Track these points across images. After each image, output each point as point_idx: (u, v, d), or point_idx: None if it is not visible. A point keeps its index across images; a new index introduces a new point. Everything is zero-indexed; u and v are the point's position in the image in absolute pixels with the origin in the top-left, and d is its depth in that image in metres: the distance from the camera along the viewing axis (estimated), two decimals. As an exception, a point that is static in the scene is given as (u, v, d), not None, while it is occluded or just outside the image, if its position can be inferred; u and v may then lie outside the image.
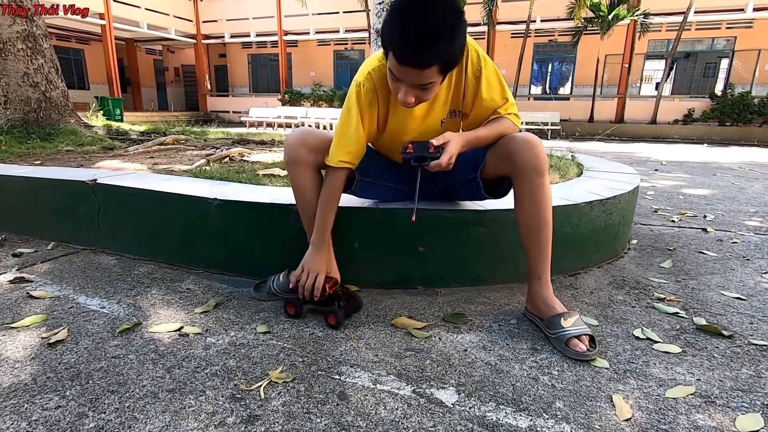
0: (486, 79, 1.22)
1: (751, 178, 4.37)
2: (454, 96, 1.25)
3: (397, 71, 1.02)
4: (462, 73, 1.22)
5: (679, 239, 2.17)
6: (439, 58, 0.98)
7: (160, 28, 16.48)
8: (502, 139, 1.21)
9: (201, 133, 4.56)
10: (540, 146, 1.17)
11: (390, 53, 1.02)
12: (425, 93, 1.07)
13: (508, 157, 1.19)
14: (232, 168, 2.45)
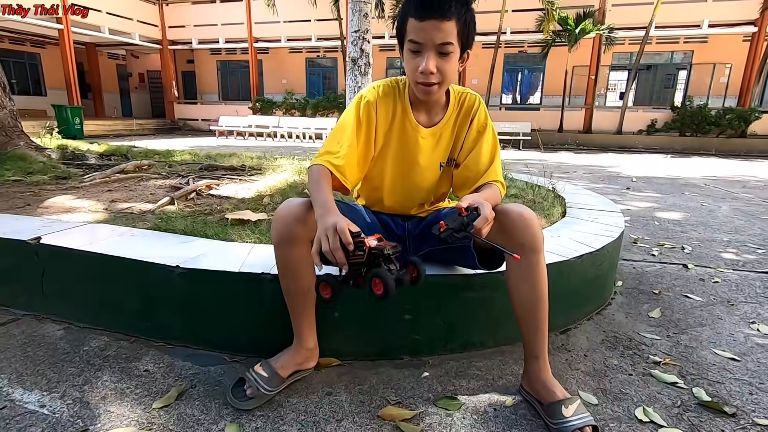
0: (486, 140, 1.25)
1: (717, 197, 4.50)
2: (455, 143, 1.27)
3: (417, 31, 1.03)
4: (466, 125, 1.25)
5: (663, 279, 2.15)
6: (459, 10, 1.02)
7: (122, 32, 15.80)
8: (496, 211, 1.12)
9: (166, 155, 4.31)
10: (535, 222, 1.09)
11: (409, 19, 1.04)
12: (446, 63, 1.07)
13: (502, 231, 1.10)
14: (198, 208, 2.27)
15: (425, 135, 1.24)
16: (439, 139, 1.26)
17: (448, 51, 1.06)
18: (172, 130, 17.53)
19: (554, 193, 2.69)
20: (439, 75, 1.08)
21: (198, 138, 13.70)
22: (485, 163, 1.22)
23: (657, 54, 14.72)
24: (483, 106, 1.26)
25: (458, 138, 1.26)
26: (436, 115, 1.26)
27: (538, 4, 12.47)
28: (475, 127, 1.24)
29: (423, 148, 1.25)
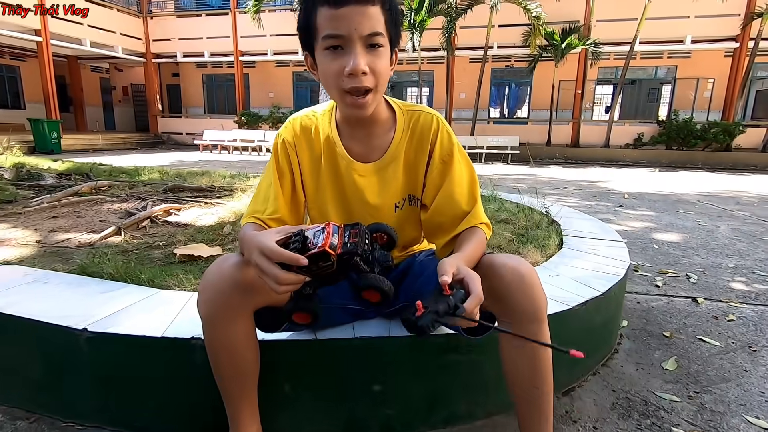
0: (457, 171, 0.96)
1: (713, 216, 4.34)
2: (412, 178, 0.99)
3: (336, 21, 0.78)
4: (425, 154, 0.97)
5: (672, 317, 1.91)
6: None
7: (105, 45, 15.48)
8: (483, 267, 0.87)
9: (133, 174, 4.02)
10: (536, 282, 0.83)
11: (319, 9, 0.80)
12: (378, 59, 0.82)
13: (492, 293, 0.84)
14: (146, 240, 1.99)
15: (364, 172, 0.97)
16: (385, 176, 0.97)
17: (379, 44, 0.81)
18: (155, 145, 17.14)
19: (548, 217, 2.47)
20: (372, 77, 0.82)
21: (180, 152, 13.36)
22: (462, 203, 0.94)
23: (641, 69, 14.86)
24: (444, 127, 0.97)
25: (415, 172, 0.98)
26: (376, 144, 0.96)
27: (525, 20, 12.51)
28: (438, 156, 0.95)
29: (364, 188, 0.97)
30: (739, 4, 12.06)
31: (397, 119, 0.97)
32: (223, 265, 0.84)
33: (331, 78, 0.82)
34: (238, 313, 0.86)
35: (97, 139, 15.09)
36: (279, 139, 0.98)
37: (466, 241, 0.90)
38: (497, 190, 3.64)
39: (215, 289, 0.83)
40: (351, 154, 0.96)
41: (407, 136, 0.96)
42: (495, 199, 3.01)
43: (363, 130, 0.95)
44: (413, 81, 15.82)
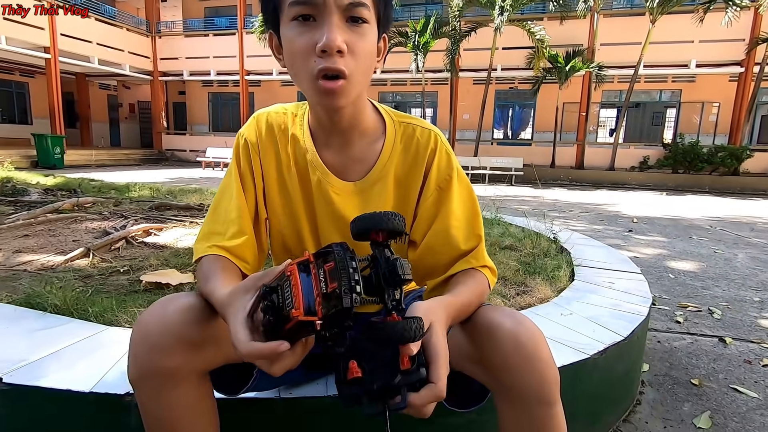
0: (455, 201, 0.76)
1: (729, 243, 4.13)
2: (400, 205, 0.78)
3: None
4: (419, 175, 0.77)
5: (699, 360, 1.70)
6: None
7: (113, 63, 15.69)
8: (473, 325, 0.67)
9: (123, 190, 3.88)
10: (542, 352, 0.61)
11: None
12: (359, 38, 0.63)
13: (485, 363, 0.65)
14: (115, 263, 1.82)
15: (343, 191, 0.77)
16: (369, 198, 0.77)
17: (362, 17, 0.62)
18: (158, 161, 17.17)
19: (557, 244, 2.28)
20: (350, 59, 0.62)
21: (182, 169, 13.32)
22: (460, 240, 0.74)
23: (646, 92, 14.84)
24: (444, 146, 0.77)
25: (406, 199, 0.78)
26: (358, 155, 0.76)
27: (529, 42, 12.57)
28: (434, 181, 0.76)
29: (341, 208, 0.77)
30: (744, 30, 12.07)
31: (387, 130, 0.77)
32: (167, 310, 0.62)
33: (299, 57, 0.63)
34: (185, 376, 0.64)
35: (100, 155, 15.12)
36: (240, 140, 0.78)
37: (460, 284, 0.70)
38: (501, 212, 3.46)
39: (152, 344, 0.61)
40: (327, 166, 0.76)
41: (399, 152, 0.77)
42: (499, 222, 2.83)
43: (340, 136, 0.75)
44: (417, 101, 15.88)
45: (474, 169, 12.54)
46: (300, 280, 0.48)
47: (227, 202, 0.75)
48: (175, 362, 0.62)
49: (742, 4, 10.45)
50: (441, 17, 12.90)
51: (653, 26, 11.43)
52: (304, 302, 0.46)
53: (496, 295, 1.47)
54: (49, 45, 13.16)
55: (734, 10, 10.39)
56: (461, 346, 0.69)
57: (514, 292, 1.56)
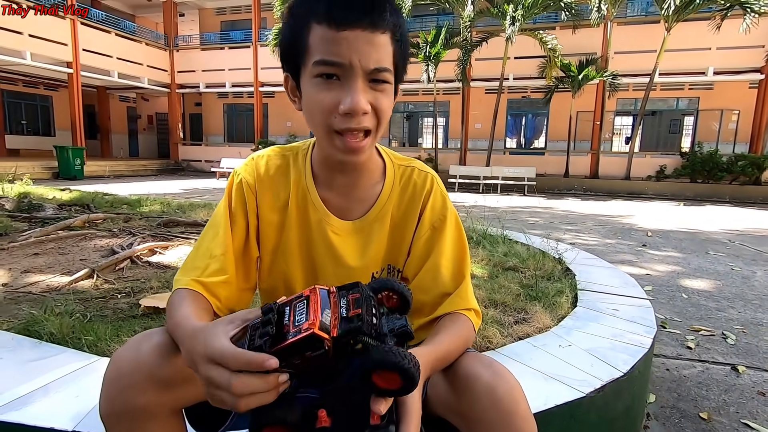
0: (447, 241, 0.79)
1: (747, 259, 3.99)
2: (396, 244, 0.80)
3: (334, 46, 0.62)
4: (414, 216, 0.79)
5: (709, 390, 1.63)
6: (393, 17, 0.64)
7: (132, 77, 16.14)
8: (456, 377, 0.65)
9: (135, 205, 3.96)
10: (519, 408, 0.60)
11: (313, 27, 0.63)
12: (381, 96, 0.66)
13: (461, 414, 0.63)
14: (118, 285, 1.84)
15: (341, 230, 0.78)
16: (367, 237, 0.79)
17: (385, 80, 0.65)
18: (174, 171, 17.52)
19: (562, 264, 2.23)
20: (373, 117, 0.66)
21: (197, 180, 13.56)
22: (447, 280, 0.76)
23: (662, 100, 14.59)
24: (439, 188, 0.81)
25: (401, 238, 0.80)
26: (360, 197, 0.79)
27: (541, 51, 12.51)
28: (428, 221, 0.79)
29: (340, 248, 0.78)
30: (763, 36, 11.80)
31: (387, 172, 0.80)
32: (140, 348, 0.62)
33: (320, 113, 0.65)
34: (157, 414, 0.63)
35: (118, 165, 15.51)
36: (236, 178, 0.78)
37: (443, 331, 0.70)
38: (510, 226, 3.42)
39: (124, 383, 0.61)
40: (327, 206, 0.78)
41: (397, 193, 0.80)
42: (504, 240, 2.79)
43: (347, 178, 0.77)
44: (429, 111, 15.90)
45: (486, 179, 12.46)
46: (320, 298, 0.49)
47: (212, 238, 0.75)
48: (147, 400, 0.61)
49: (761, 10, 10.22)
50: (452, 28, 12.94)
51: (668, 34, 11.26)
52: (320, 320, 0.46)
53: (493, 323, 1.44)
54: (72, 60, 13.61)
55: (752, 16, 10.17)
56: (440, 394, 0.68)
57: (512, 319, 1.53)
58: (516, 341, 1.34)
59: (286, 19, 0.68)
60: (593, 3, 11.31)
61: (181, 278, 0.72)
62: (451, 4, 12.46)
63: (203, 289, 0.70)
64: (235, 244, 0.76)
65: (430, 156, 14.55)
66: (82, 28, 13.73)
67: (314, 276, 0.81)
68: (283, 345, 0.46)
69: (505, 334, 1.39)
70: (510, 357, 1.22)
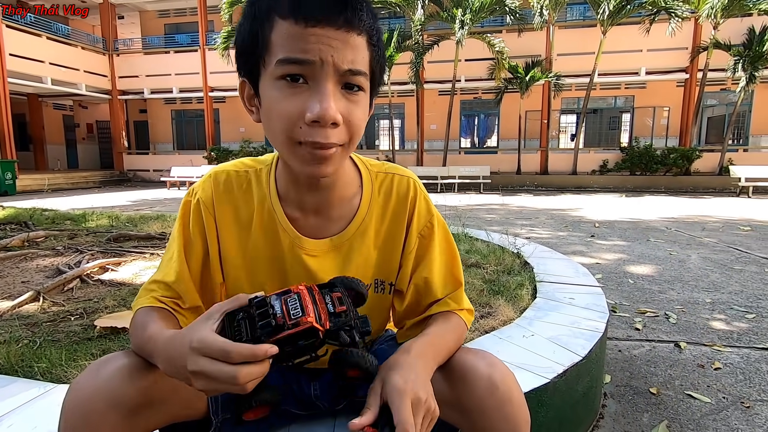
0: (437, 247, 0.76)
1: (683, 244, 4.35)
2: (385, 259, 0.76)
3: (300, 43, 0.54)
4: (401, 228, 0.75)
5: (656, 367, 1.77)
6: (370, 18, 0.57)
7: (68, 83, 15.09)
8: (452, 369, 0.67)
9: (79, 220, 3.71)
10: (513, 395, 0.63)
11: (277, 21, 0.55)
12: (355, 106, 0.58)
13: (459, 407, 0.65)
14: (69, 307, 1.73)
15: (317, 251, 0.72)
16: (347, 255, 0.73)
17: (360, 85, 0.58)
18: (120, 183, 16.56)
19: (520, 259, 2.34)
20: (344, 130, 0.58)
21: (146, 190, 12.89)
22: (440, 287, 0.74)
23: (602, 99, 15.55)
24: (422, 193, 0.76)
25: (390, 252, 0.75)
26: (335, 215, 0.73)
27: (490, 54, 12.97)
28: (415, 230, 0.75)
29: (317, 271, 0.71)
30: (687, 39, 12.89)
31: (364, 182, 0.74)
32: (100, 373, 0.59)
33: (281, 121, 0.57)
34: None
35: (56, 178, 14.44)
36: (192, 198, 0.72)
37: (435, 324, 0.71)
38: (468, 225, 3.53)
39: (85, 410, 0.57)
40: (298, 227, 0.71)
41: (379, 205, 0.74)
42: (466, 238, 2.87)
43: (317, 196, 0.70)
44: (385, 113, 16.05)
45: (443, 179, 12.74)
46: (308, 295, 0.54)
47: (167, 263, 0.72)
48: (111, 427, 0.58)
49: (683, 15, 11.16)
50: (404, 31, 13.15)
51: (605, 37, 12.04)
52: (315, 313, 0.52)
53: (460, 319, 1.49)
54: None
55: (677, 21, 11.08)
56: (437, 389, 0.69)
57: (478, 314, 1.59)
58: (483, 335, 1.40)
59: (245, 14, 0.60)
60: (536, 8, 11.89)
61: (139, 300, 0.70)
62: (402, 8, 12.65)
63: (165, 304, 0.68)
64: (192, 270, 0.71)
65: (388, 158, 14.66)
66: (8, 32, 12.69)
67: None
68: (284, 335, 0.50)
69: (473, 328, 1.44)
70: (478, 350, 1.27)
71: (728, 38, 11.72)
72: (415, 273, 0.75)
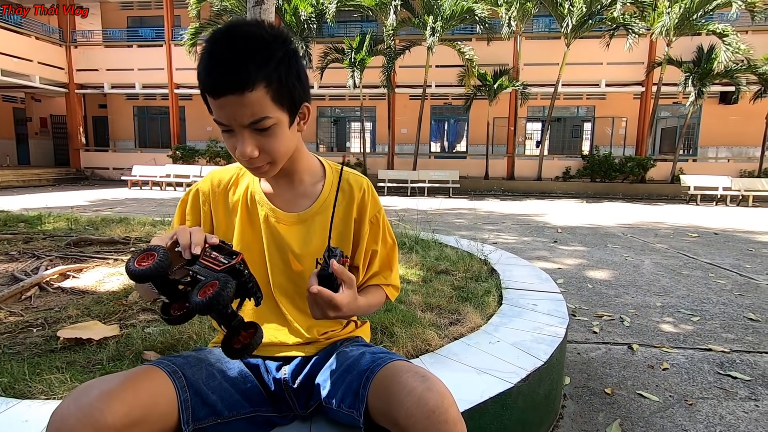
0: (381, 234, 0.98)
1: (638, 249, 4.61)
2: (341, 236, 0.94)
3: (218, 110, 0.74)
4: (352, 212, 0.94)
5: (611, 368, 1.90)
6: (260, 71, 0.71)
7: (19, 75, 14.21)
8: (382, 385, 0.75)
9: (34, 223, 3.53)
10: (449, 417, 0.68)
11: (205, 93, 0.74)
12: (268, 139, 0.77)
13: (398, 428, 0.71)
14: (28, 316, 1.67)
15: (287, 221, 0.91)
16: (311, 227, 0.92)
17: (266, 126, 0.75)
18: (76, 180, 15.74)
19: (488, 265, 2.43)
20: (265, 155, 0.78)
21: (105, 189, 12.33)
22: (378, 264, 0.97)
23: (565, 108, 16.19)
24: (372, 190, 0.97)
25: (346, 229, 0.94)
26: (302, 192, 0.93)
27: (460, 61, 13.25)
28: (367, 218, 0.95)
29: (286, 236, 0.91)
30: (643, 54, 13.65)
31: (326, 174, 0.96)
32: (81, 401, 0.63)
33: (229, 149, 0.79)
34: None
35: (5, 175, 13.57)
36: (192, 190, 0.94)
37: (366, 291, 0.94)
38: (438, 230, 3.61)
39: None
40: (274, 202, 0.92)
41: (336, 192, 0.93)
42: (435, 244, 2.95)
43: (285, 178, 0.92)
44: (356, 116, 16.06)
45: (414, 183, 12.90)
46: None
47: None
48: None
49: (640, 32, 11.81)
50: (376, 35, 13.23)
51: (568, 49, 12.55)
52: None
53: (430, 326, 1.55)
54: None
55: (633, 37, 11.72)
56: (380, 407, 0.76)
57: (447, 321, 1.65)
58: (452, 341, 1.46)
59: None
60: (504, 18, 12.25)
61: None
62: (375, 12, 12.73)
63: None
64: None
65: (359, 160, 14.70)
66: (-48, 17, 11.85)
67: (263, 264, 0.92)
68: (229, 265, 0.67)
69: (442, 335, 1.50)
70: (448, 357, 1.33)
71: (680, 55, 12.49)
72: (367, 247, 0.96)
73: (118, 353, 1.33)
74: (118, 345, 1.38)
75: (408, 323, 1.56)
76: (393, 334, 1.47)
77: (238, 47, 0.70)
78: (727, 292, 3.05)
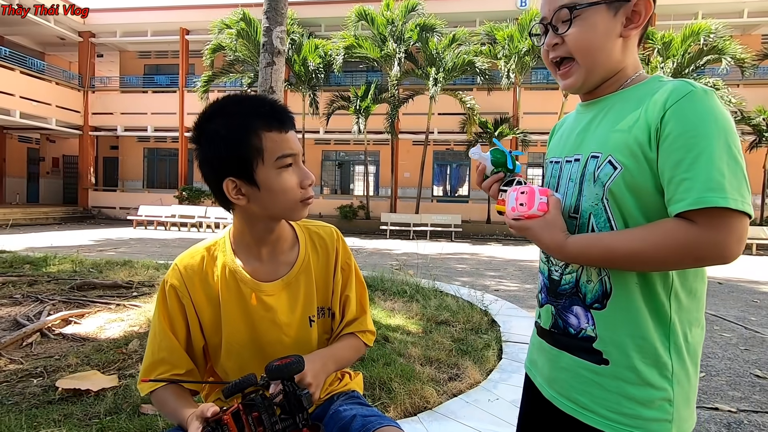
0: (353, 279, 1.01)
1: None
2: (325, 287, 0.98)
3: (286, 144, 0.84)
4: (331, 263, 0.99)
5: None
6: None
7: (37, 117, 14.81)
8: None
9: (39, 265, 3.57)
10: None
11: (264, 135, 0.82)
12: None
13: None
14: (28, 365, 1.67)
15: (272, 291, 0.90)
16: (296, 290, 0.93)
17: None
18: (83, 219, 15.94)
19: (488, 316, 2.42)
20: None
21: (111, 228, 12.46)
22: (354, 309, 0.99)
23: (565, 155, 16.55)
24: (342, 238, 1.02)
25: (327, 282, 0.97)
26: (283, 260, 0.94)
27: (461, 109, 13.73)
28: (340, 265, 0.99)
29: (274, 306, 0.90)
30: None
31: (298, 235, 0.98)
32: None
33: (291, 191, 0.84)
34: None
35: (13, 213, 13.78)
36: (166, 285, 0.90)
37: (340, 340, 0.97)
38: (439, 277, 3.62)
39: None
40: (256, 276, 0.91)
41: (312, 248, 0.97)
42: (436, 293, 2.95)
43: (268, 247, 0.93)
44: (360, 160, 16.43)
45: (416, 226, 12.97)
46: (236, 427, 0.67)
47: (157, 341, 0.87)
48: None
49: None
50: (381, 84, 13.81)
51: (566, 99, 13.02)
52: None
53: (429, 382, 1.54)
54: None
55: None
56: None
57: (446, 376, 1.64)
58: (451, 398, 1.45)
59: (219, 137, 0.82)
60: (503, 70, 12.82)
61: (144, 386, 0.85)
62: (380, 63, 13.37)
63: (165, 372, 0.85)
64: (181, 341, 0.88)
65: (362, 203, 14.88)
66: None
67: (256, 343, 0.91)
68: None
69: (441, 392, 1.49)
70: (446, 415, 1.32)
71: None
72: (341, 293, 0.99)
73: (115, 406, 1.33)
74: (116, 397, 1.38)
75: (407, 378, 1.55)
76: (391, 389, 1.47)
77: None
78: (733, 347, 3.00)
